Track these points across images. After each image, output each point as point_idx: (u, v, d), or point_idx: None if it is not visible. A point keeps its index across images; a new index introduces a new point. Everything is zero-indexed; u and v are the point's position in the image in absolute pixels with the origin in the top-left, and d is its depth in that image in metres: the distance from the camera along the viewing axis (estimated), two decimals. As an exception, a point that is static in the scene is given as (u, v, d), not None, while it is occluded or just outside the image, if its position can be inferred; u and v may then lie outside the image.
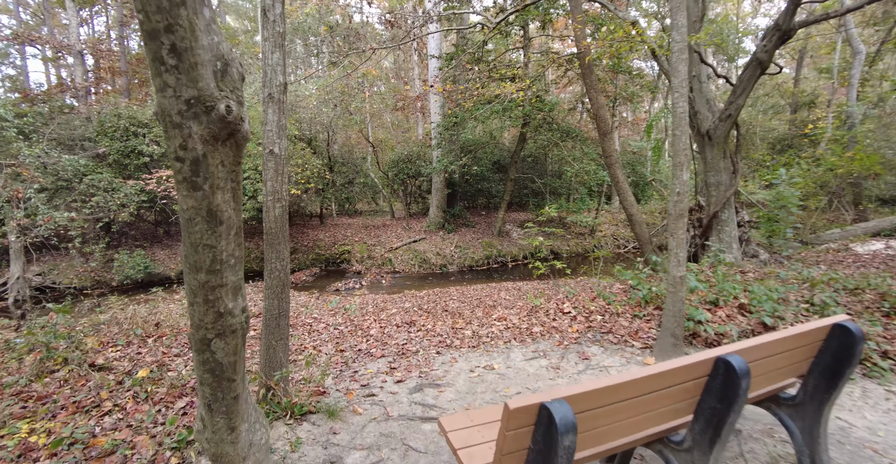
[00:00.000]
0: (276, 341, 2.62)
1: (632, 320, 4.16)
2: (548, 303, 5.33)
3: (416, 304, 8.68)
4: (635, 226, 7.47)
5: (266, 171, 2.38)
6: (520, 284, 10.40)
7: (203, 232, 1.16)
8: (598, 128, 7.28)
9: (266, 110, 2.30)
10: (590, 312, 4.58)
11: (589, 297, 5.31)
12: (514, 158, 14.31)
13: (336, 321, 5.50)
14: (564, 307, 4.90)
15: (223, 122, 1.05)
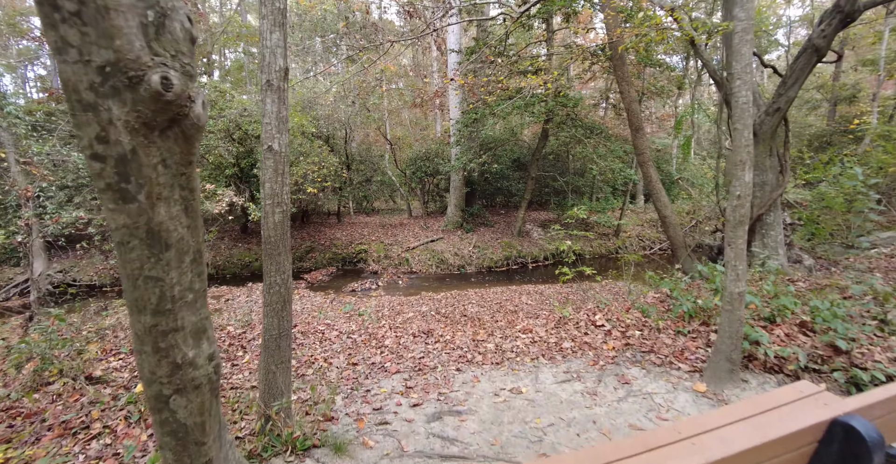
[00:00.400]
0: (276, 366, 2.30)
1: (675, 338, 3.72)
2: (577, 313, 4.91)
3: (433, 307, 8.35)
4: (669, 228, 6.95)
5: (264, 170, 2.06)
6: (541, 287, 9.97)
7: (143, 260, 0.82)
8: (630, 123, 6.79)
9: (264, 100, 1.97)
10: (626, 327, 4.15)
11: (623, 307, 4.87)
12: (536, 155, 13.82)
13: (349, 328, 5.19)
14: (596, 319, 4.47)
15: (159, 101, 0.71)
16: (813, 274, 6.89)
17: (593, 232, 16.29)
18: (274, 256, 2.13)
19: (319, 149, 11.62)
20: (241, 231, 14.91)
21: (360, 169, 17.61)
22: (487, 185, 16.69)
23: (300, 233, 15.30)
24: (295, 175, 10.78)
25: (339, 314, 6.47)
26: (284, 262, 2.16)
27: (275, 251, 2.13)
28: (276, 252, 2.13)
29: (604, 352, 3.71)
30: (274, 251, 2.12)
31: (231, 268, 13.38)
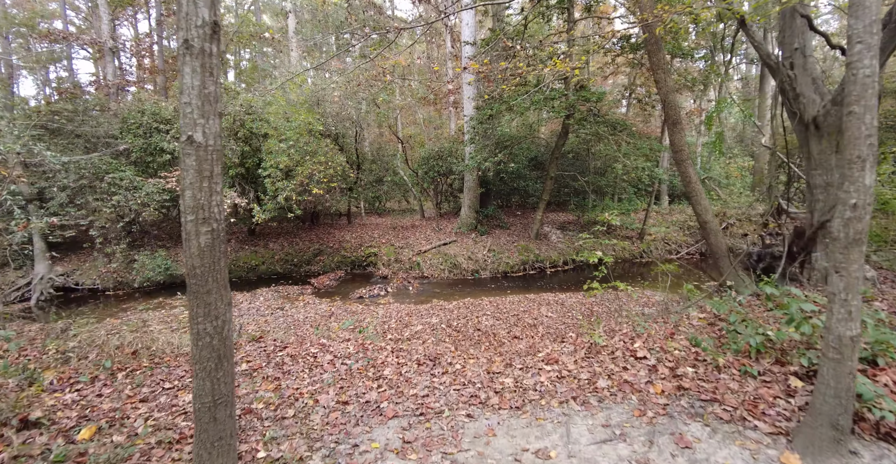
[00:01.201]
0: (211, 446, 1.65)
1: (742, 380, 2.96)
2: (611, 340, 4.16)
3: (444, 319, 7.68)
4: (710, 236, 6.14)
5: (184, 171, 1.44)
6: (562, 296, 9.20)
7: None
8: (666, 116, 5.99)
9: (182, 68, 1.35)
10: (675, 361, 3.40)
11: (664, 331, 4.11)
12: (555, 153, 13.01)
13: (346, 350, 4.55)
14: (636, 349, 3.73)
15: None
16: (877, 287, 6.01)
17: (616, 235, 15.40)
18: (201, 294, 1.49)
19: (327, 148, 11.04)
20: (248, 233, 14.48)
21: (371, 169, 17.05)
22: (503, 185, 15.93)
23: (308, 235, 14.80)
24: (300, 175, 10.22)
25: (337, 332, 5.83)
26: (217, 303, 1.53)
27: (202, 288, 1.49)
28: (203, 290, 1.50)
29: (651, 397, 2.98)
30: (201, 288, 1.49)
31: (237, 271, 12.93)
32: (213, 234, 1.48)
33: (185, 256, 1.52)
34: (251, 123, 10.91)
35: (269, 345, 4.70)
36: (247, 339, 4.93)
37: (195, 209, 1.47)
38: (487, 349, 4.98)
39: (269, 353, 4.45)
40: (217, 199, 1.50)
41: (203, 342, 1.57)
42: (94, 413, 3.12)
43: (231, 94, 11.25)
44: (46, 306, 10.76)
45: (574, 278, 12.21)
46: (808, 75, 5.15)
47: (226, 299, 1.54)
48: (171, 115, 11.95)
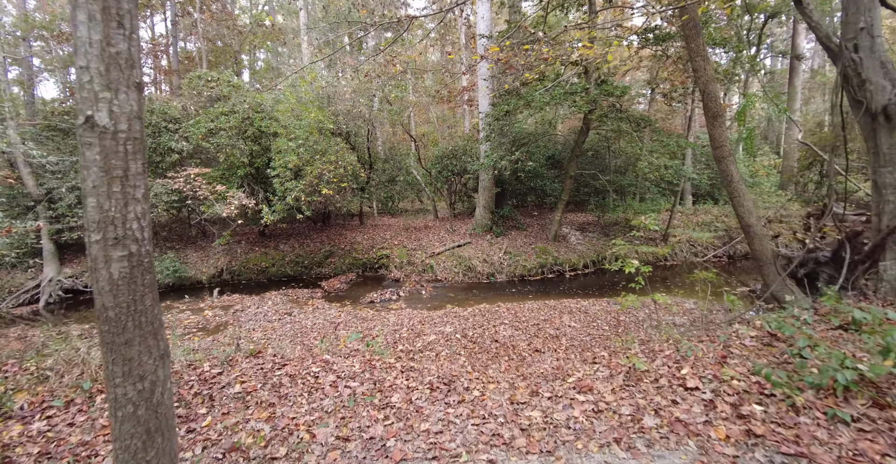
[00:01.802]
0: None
1: (832, 428, 2.40)
2: (651, 362, 3.62)
3: (458, 328, 7.19)
4: (754, 240, 5.52)
5: (84, 170, 0.99)
6: (585, 303, 8.63)
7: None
8: (706, 109, 5.40)
9: (73, 16, 0.90)
10: (736, 394, 2.84)
11: (714, 353, 3.55)
12: (575, 151, 12.40)
13: (351, 369, 4.09)
14: (685, 377, 3.19)
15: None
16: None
17: (638, 237, 14.71)
18: (118, 346, 1.02)
19: (337, 147, 10.65)
20: (259, 235, 14.21)
21: (384, 168, 16.66)
22: (519, 184, 15.35)
23: (320, 236, 14.47)
24: (310, 175, 9.85)
25: (343, 345, 5.39)
26: (143, 357, 1.07)
27: (118, 338, 1.03)
28: (120, 339, 1.03)
29: (713, 444, 2.44)
30: (117, 337, 1.03)
31: (246, 273, 12.67)
32: (131, 260, 1.03)
33: (94, 291, 1.07)
34: (260, 121, 10.58)
35: (268, 362, 4.28)
36: (244, 354, 4.52)
37: (102, 225, 1.02)
38: (508, 369, 4.48)
39: (267, 371, 4.03)
40: (138, 209, 1.06)
41: (124, 413, 1.10)
42: (58, 449, 2.72)
43: (240, 92, 10.94)
44: (55, 309, 10.62)
45: (595, 283, 11.60)
46: (875, 59, 4.51)
47: (157, 351, 1.09)
48: (179, 113, 11.71)
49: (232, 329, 8.22)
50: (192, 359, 4.43)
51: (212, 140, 10.21)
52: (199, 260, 12.62)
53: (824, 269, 7.08)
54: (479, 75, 13.02)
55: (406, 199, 20.28)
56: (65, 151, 11.49)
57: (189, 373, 3.96)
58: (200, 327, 8.53)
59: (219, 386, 3.72)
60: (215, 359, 4.36)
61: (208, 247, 12.87)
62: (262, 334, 7.66)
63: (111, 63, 0.97)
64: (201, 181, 10.32)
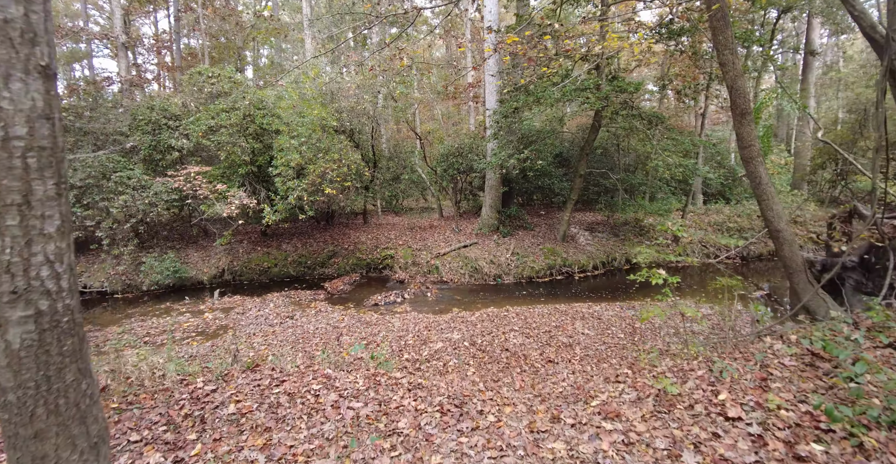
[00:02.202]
0: None
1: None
2: (682, 384, 3.31)
3: (466, 335, 6.90)
4: (784, 246, 5.18)
5: None
6: (597, 308, 8.31)
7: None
8: (734, 105, 5.05)
9: None
10: (787, 428, 2.53)
11: (752, 374, 3.23)
12: (585, 149, 12.05)
13: (354, 386, 3.81)
14: (725, 404, 2.87)
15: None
16: None
17: (647, 237, 14.35)
18: (23, 440, 0.72)
19: (340, 145, 10.35)
20: (262, 234, 13.96)
21: (388, 166, 16.36)
22: (527, 183, 15.01)
23: (323, 236, 14.19)
24: (312, 174, 9.56)
25: (346, 354, 5.10)
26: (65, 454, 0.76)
27: (25, 430, 0.71)
28: (26, 432, 0.71)
29: (769, 491, 2.14)
30: (21, 428, 0.71)
31: (248, 274, 12.42)
32: (40, 322, 0.71)
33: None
34: (261, 118, 10.29)
35: (266, 377, 4.00)
36: (241, 368, 4.24)
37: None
38: (523, 387, 4.18)
39: (264, 389, 3.75)
40: (49, 249, 0.76)
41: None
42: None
43: (241, 89, 10.65)
44: (54, 310, 10.42)
45: (606, 285, 11.28)
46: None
47: (85, 440, 0.79)
48: (179, 110, 11.44)
49: (231, 334, 7.97)
50: (186, 372, 4.16)
51: (212, 138, 9.94)
52: (201, 260, 12.38)
53: (851, 274, 6.73)
54: (486, 71, 12.67)
55: (411, 197, 19.98)
56: (63, 148, 11.25)
57: (181, 390, 3.68)
58: (200, 331, 8.29)
59: (212, 406, 3.44)
60: (210, 373, 4.08)
61: (210, 247, 12.63)
62: (262, 339, 7.40)
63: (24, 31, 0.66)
64: (202, 180, 10.06)
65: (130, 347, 7.11)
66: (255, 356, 5.34)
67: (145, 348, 7.49)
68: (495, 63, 12.66)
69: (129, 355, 5.63)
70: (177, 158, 11.42)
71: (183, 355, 6.19)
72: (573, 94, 9.33)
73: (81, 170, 10.51)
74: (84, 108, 11.76)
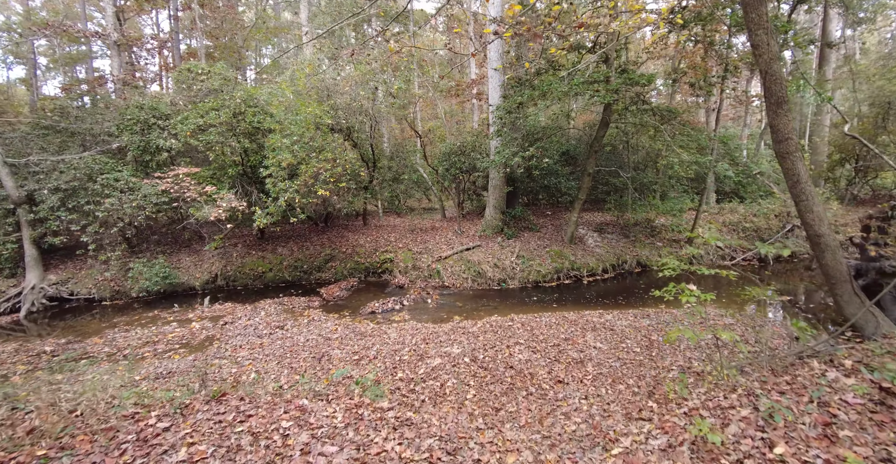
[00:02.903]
0: None
1: None
2: (723, 427, 2.71)
3: (467, 348, 6.32)
4: (825, 253, 4.55)
5: None
6: (608, 317, 7.69)
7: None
8: (768, 93, 4.43)
9: None
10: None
11: (814, 420, 2.64)
12: (594, 146, 11.42)
13: (333, 421, 3.25)
14: (784, 460, 2.28)
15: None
16: None
17: (660, 238, 13.69)
18: None
19: (335, 144, 9.81)
20: (257, 237, 13.47)
21: (390, 166, 15.80)
22: (532, 182, 14.39)
23: (320, 238, 13.68)
24: (304, 175, 9.03)
25: (330, 380, 4.54)
26: None
27: None
28: None
29: None
30: None
31: (242, 279, 11.93)
32: None
33: None
34: (252, 116, 9.78)
35: (231, 410, 3.46)
36: (206, 396, 3.70)
37: None
38: (529, 422, 3.59)
39: (227, 426, 3.21)
40: None
41: None
42: None
43: (231, 85, 10.14)
44: (39, 318, 9.98)
45: (617, 290, 10.66)
46: None
47: None
48: (169, 109, 10.97)
49: (217, 346, 7.45)
50: (143, 402, 3.63)
51: (201, 137, 9.44)
52: (193, 265, 11.91)
53: (890, 281, 6.09)
54: (489, 65, 12.07)
55: (413, 197, 19.43)
56: (52, 150, 10.83)
57: (128, 428, 3.14)
58: (184, 343, 7.78)
59: (159, 450, 2.90)
60: (168, 405, 3.54)
61: (202, 251, 12.16)
62: (248, 353, 6.88)
63: None
64: (190, 182, 9.57)
65: (109, 360, 6.64)
66: (229, 378, 4.81)
67: (123, 362, 7.02)
68: (498, 57, 12.08)
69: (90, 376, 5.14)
70: (167, 159, 10.95)
71: (152, 374, 5.70)
72: (581, 88, 8.72)
73: (67, 172, 10.07)
74: (70, 108, 11.31)
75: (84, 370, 6.38)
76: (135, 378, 5.92)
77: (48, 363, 7.03)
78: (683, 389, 3.68)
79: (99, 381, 5.30)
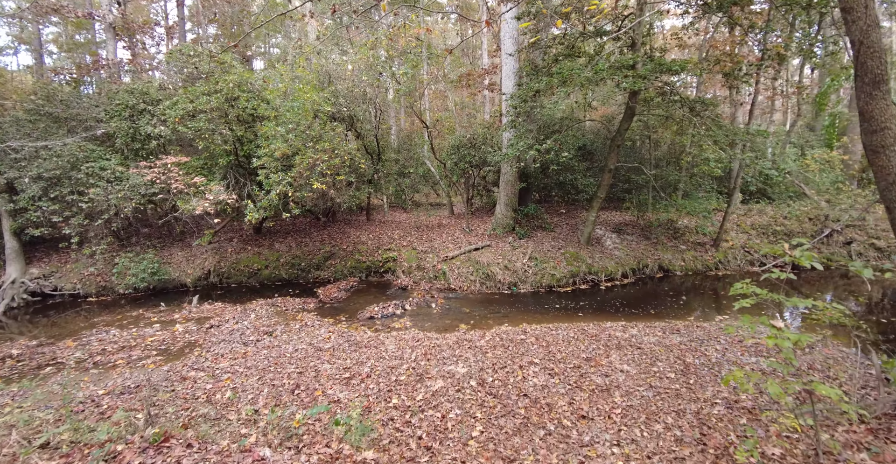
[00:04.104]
0: None
1: None
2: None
3: (474, 368, 5.52)
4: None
5: None
6: (633, 331, 6.83)
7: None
8: (863, 71, 3.51)
9: None
10: None
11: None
12: (616, 140, 10.48)
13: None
14: None
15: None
16: None
17: (683, 241, 12.72)
18: None
19: (333, 133, 9.01)
20: (255, 232, 12.77)
21: (397, 159, 14.98)
22: (546, 178, 13.48)
23: (320, 234, 12.94)
24: (299, 166, 8.25)
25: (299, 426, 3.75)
26: None
27: None
28: None
29: None
30: None
31: (236, 276, 11.24)
32: None
33: None
34: (246, 101, 9.01)
35: (172, 462, 2.70)
36: (146, 439, 2.94)
37: None
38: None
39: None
40: None
41: None
42: None
43: (223, 67, 9.37)
44: (20, 315, 9.39)
45: (638, 296, 9.78)
46: None
47: None
48: (160, 94, 10.25)
49: (198, 352, 6.75)
50: (62, 448, 2.88)
51: (190, 124, 8.70)
52: (185, 260, 11.25)
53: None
54: (503, 50, 11.15)
55: (420, 192, 18.60)
56: (33, 135, 10.17)
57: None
58: (163, 349, 7.09)
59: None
60: (95, 447, 2.79)
61: (195, 245, 11.48)
62: (228, 364, 6.16)
63: None
64: (178, 172, 8.84)
65: (77, 367, 5.95)
66: (162, 430, 4.02)
67: (94, 371, 6.34)
68: (512, 42, 11.15)
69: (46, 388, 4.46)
70: (157, 148, 10.25)
71: (118, 388, 5.02)
72: (608, 73, 7.80)
73: (49, 159, 9.41)
74: (58, 92, 10.63)
75: (44, 380, 5.72)
76: (97, 393, 5.24)
77: (10, 370, 6.38)
78: (752, 447, 2.83)
79: (44, 399, 4.61)
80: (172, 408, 4.47)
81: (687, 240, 12.74)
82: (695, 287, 10.71)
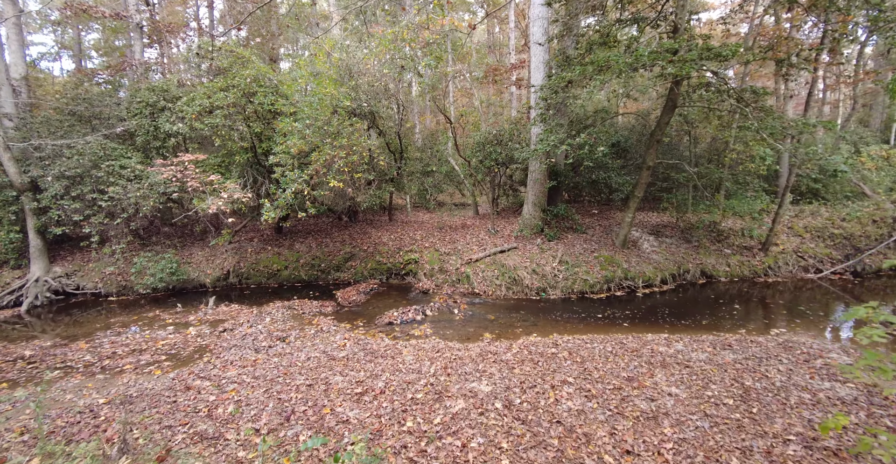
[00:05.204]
0: None
1: None
2: None
3: (499, 387, 4.91)
4: None
5: None
6: (678, 345, 6.07)
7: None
8: None
9: None
10: None
11: None
12: (655, 135, 9.65)
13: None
14: None
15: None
16: None
17: (728, 244, 11.70)
18: None
19: (352, 128, 8.58)
20: (276, 232, 12.54)
21: (421, 158, 14.50)
22: (577, 177, 12.69)
23: (341, 234, 12.58)
24: (316, 163, 7.85)
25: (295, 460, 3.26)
26: None
27: None
28: None
29: None
30: None
31: (256, 277, 10.99)
32: None
33: None
34: (263, 96, 8.69)
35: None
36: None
37: None
38: None
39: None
40: None
41: None
42: None
43: (241, 62, 9.10)
44: (42, 313, 9.39)
45: (679, 304, 8.94)
46: None
47: None
48: (178, 91, 10.09)
49: (207, 359, 6.42)
50: None
51: (206, 120, 8.44)
52: (205, 260, 11.08)
53: None
54: (531, 39, 10.48)
55: (444, 192, 18.08)
56: (58, 134, 10.19)
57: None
58: (172, 354, 6.80)
59: None
60: None
61: (215, 245, 11.30)
62: (236, 373, 5.78)
63: None
64: (194, 169, 8.61)
65: (85, 372, 5.69)
66: (179, 427, 3.62)
67: (100, 376, 6.10)
68: (542, 32, 10.47)
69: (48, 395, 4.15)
70: (176, 145, 10.10)
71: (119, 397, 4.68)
72: (650, 57, 7.04)
73: (71, 158, 9.37)
74: (83, 91, 10.64)
75: (49, 386, 5.48)
76: (98, 401, 4.94)
77: (19, 373, 6.21)
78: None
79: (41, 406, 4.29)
80: (167, 422, 4.07)
81: (732, 243, 11.71)
82: (742, 295, 9.75)
